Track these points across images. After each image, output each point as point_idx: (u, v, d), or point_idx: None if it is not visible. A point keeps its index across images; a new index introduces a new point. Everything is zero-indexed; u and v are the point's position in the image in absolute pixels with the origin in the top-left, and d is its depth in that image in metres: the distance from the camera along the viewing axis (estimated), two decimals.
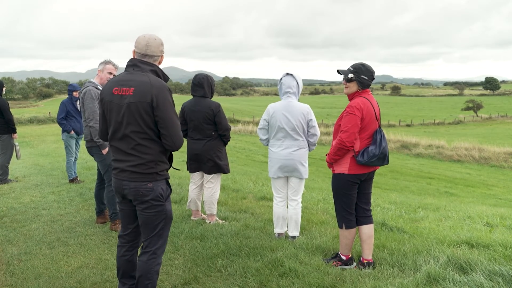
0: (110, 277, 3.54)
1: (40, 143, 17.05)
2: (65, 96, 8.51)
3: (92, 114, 4.67)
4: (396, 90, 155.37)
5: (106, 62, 4.84)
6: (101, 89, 4.85)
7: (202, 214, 5.21)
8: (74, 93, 7.79)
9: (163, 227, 2.85)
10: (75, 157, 7.84)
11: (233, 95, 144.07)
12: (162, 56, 2.84)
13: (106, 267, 3.74)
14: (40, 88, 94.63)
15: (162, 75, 2.80)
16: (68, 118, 7.71)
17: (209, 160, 4.81)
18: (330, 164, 3.72)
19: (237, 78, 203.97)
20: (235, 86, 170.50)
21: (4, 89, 7.72)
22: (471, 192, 14.97)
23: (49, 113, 33.00)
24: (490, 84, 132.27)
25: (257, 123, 38.34)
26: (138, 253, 2.99)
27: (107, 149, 4.73)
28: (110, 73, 4.87)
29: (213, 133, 4.81)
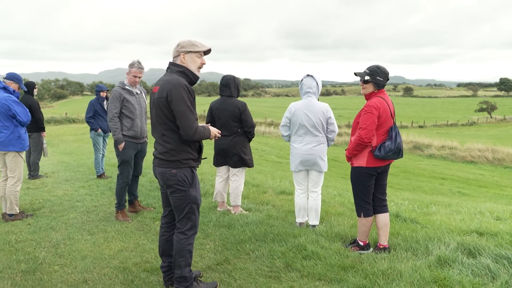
0: (149, 258, 3.90)
1: (60, 143, 17.59)
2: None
3: (109, 113, 5.08)
4: (408, 91, 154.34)
5: (131, 66, 5.08)
6: (129, 89, 5.14)
7: (227, 206, 5.57)
8: (101, 93, 8.24)
9: (190, 211, 3.15)
10: (103, 154, 8.28)
11: (244, 96, 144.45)
12: (180, 55, 3.11)
13: (144, 251, 4.11)
14: (55, 89, 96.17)
15: (190, 75, 3.11)
16: (96, 117, 8.15)
17: (235, 155, 5.18)
18: (349, 159, 4.05)
19: (248, 79, 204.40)
20: (246, 87, 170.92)
21: (35, 90, 8.17)
22: (484, 192, 15.07)
23: (66, 113, 33.74)
24: (505, 85, 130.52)
25: (269, 124, 38.64)
26: None
27: (122, 144, 5.11)
28: (135, 76, 5.11)
29: (239, 130, 5.17)
